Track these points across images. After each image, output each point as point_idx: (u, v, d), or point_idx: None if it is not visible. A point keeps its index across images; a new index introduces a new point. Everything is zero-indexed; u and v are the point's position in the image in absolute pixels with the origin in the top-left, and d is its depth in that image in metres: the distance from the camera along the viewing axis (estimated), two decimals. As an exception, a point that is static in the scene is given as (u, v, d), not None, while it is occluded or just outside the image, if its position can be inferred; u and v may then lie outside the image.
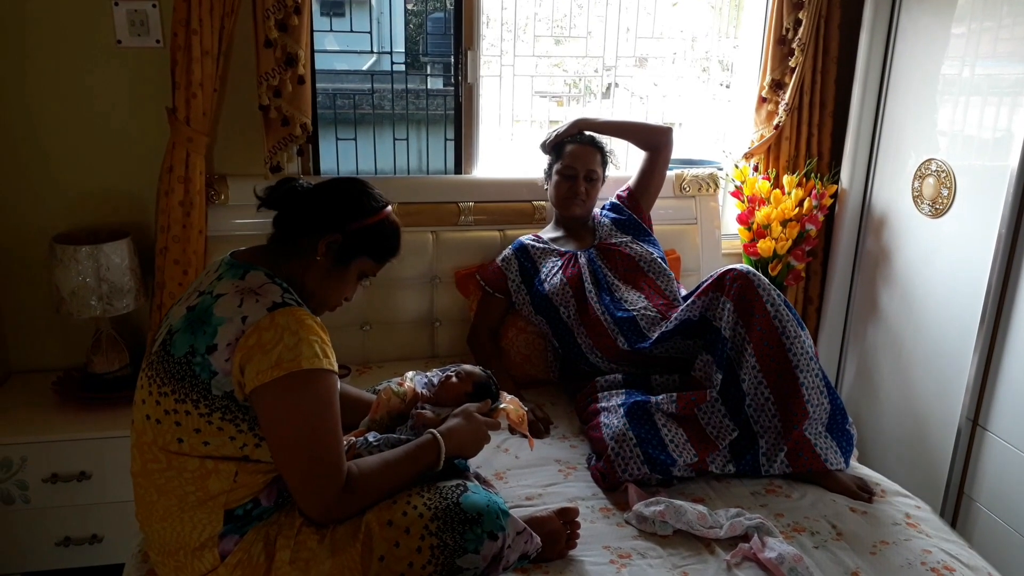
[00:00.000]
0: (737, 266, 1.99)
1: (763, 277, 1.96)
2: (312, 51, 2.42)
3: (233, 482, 1.38)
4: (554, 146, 2.47)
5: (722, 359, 1.93)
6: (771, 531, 1.63)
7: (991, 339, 2.21)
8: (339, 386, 1.79)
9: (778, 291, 1.95)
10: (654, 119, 2.96)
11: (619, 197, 2.52)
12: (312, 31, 2.41)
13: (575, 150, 2.41)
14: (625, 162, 2.92)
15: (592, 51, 2.90)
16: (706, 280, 2.04)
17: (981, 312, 2.20)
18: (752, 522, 1.65)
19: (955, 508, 2.36)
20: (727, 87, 3.03)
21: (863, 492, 1.85)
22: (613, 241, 2.38)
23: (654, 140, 2.49)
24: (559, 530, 1.58)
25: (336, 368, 1.41)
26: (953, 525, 2.36)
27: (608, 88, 2.97)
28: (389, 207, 1.56)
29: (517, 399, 1.78)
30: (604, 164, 2.44)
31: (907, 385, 2.53)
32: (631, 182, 2.52)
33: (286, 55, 2.28)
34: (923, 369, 2.46)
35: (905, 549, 1.65)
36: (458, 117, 2.73)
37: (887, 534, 1.71)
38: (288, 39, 2.27)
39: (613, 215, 2.48)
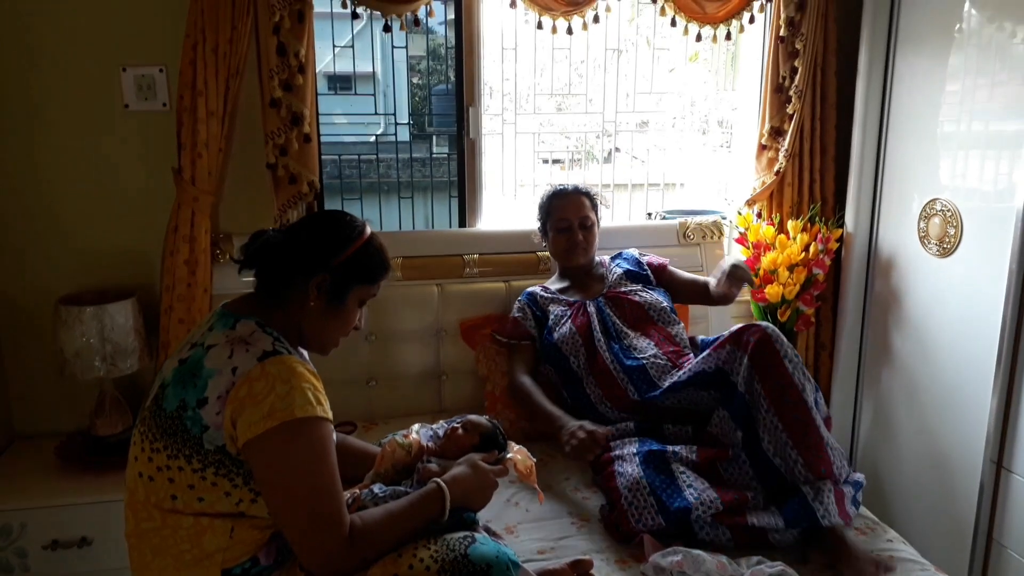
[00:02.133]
0: (757, 323, 1.94)
1: (782, 336, 1.90)
2: (317, 111, 2.45)
3: (229, 539, 1.34)
4: (542, 206, 2.47)
5: (739, 416, 1.88)
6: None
7: (1009, 376, 2.16)
8: (344, 439, 1.79)
9: (795, 351, 1.90)
10: (655, 180, 3.01)
11: (650, 263, 2.48)
12: (316, 92, 2.45)
13: (563, 203, 2.41)
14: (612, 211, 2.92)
15: (593, 117, 2.95)
16: (723, 334, 2.00)
17: (997, 349, 2.16)
18: (774, 570, 1.59)
19: (985, 555, 2.27)
20: (728, 148, 3.06)
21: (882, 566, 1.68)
22: (622, 290, 2.35)
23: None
24: (573, 583, 1.52)
25: (330, 416, 1.37)
26: (984, 573, 2.27)
27: (610, 153, 3.02)
28: (368, 228, 1.53)
29: (525, 449, 1.74)
30: (595, 207, 2.44)
31: (926, 429, 2.47)
32: (674, 272, 2.47)
33: (291, 114, 2.32)
34: (942, 412, 2.40)
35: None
36: (460, 171, 2.74)
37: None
38: (293, 98, 2.31)
39: (628, 267, 2.45)
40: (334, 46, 2.76)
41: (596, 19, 2.52)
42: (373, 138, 3.02)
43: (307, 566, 1.36)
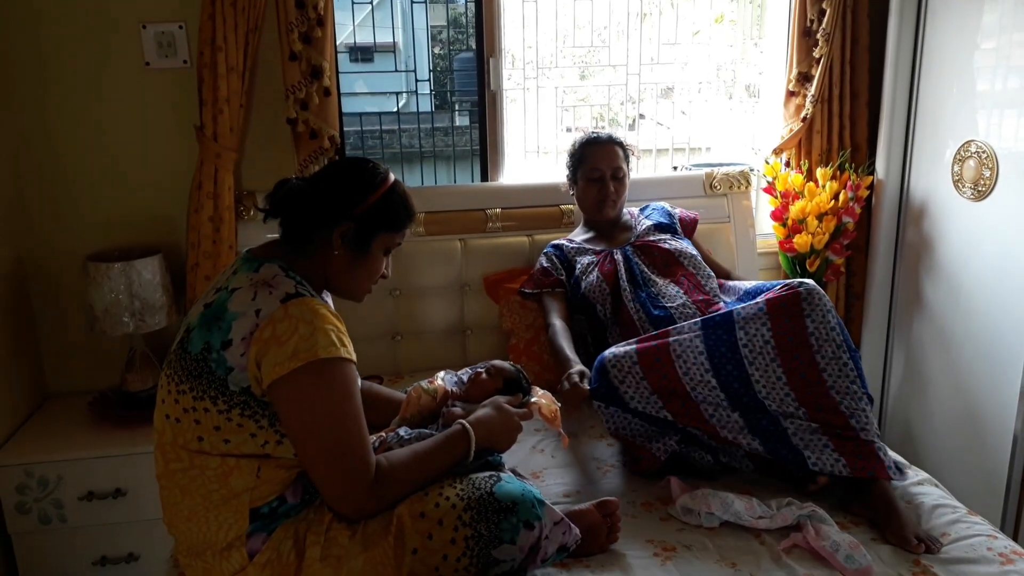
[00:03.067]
0: (805, 281, 1.84)
1: (822, 294, 1.79)
2: (336, 65, 2.43)
3: (256, 478, 1.34)
4: (574, 154, 2.43)
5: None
6: (824, 519, 1.55)
7: (1047, 322, 2.11)
8: (370, 387, 1.80)
9: (835, 314, 1.79)
10: (681, 145, 2.99)
11: (681, 217, 2.44)
12: (336, 46, 2.43)
13: (597, 151, 2.36)
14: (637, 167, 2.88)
15: (616, 84, 2.89)
16: (766, 288, 1.98)
17: (1034, 294, 2.11)
18: (804, 511, 1.57)
19: (1018, 505, 2.23)
20: (754, 111, 2.98)
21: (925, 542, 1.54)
22: (651, 239, 2.32)
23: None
24: (599, 523, 1.52)
25: (354, 357, 1.37)
26: (1017, 524, 2.24)
27: (634, 120, 2.96)
28: (391, 175, 1.51)
29: (550, 394, 1.73)
30: (627, 158, 2.40)
31: (959, 379, 2.42)
32: (702, 246, 2.43)
33: (311, 67, 2.31)
34: (975, 361, 2.35)
35: (969, 537, 1.55)
36: (482, 126, 2.71)
37: (948, 528, 1.61)
38: (312, 51, 2.30)
39: (658, 219, 2.40)
40: (354, 12, 2.73)
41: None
42: (395, 108, 3.00)
43: (333, 506, 1.37)
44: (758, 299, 1.82)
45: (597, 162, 2.34)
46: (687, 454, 1.79)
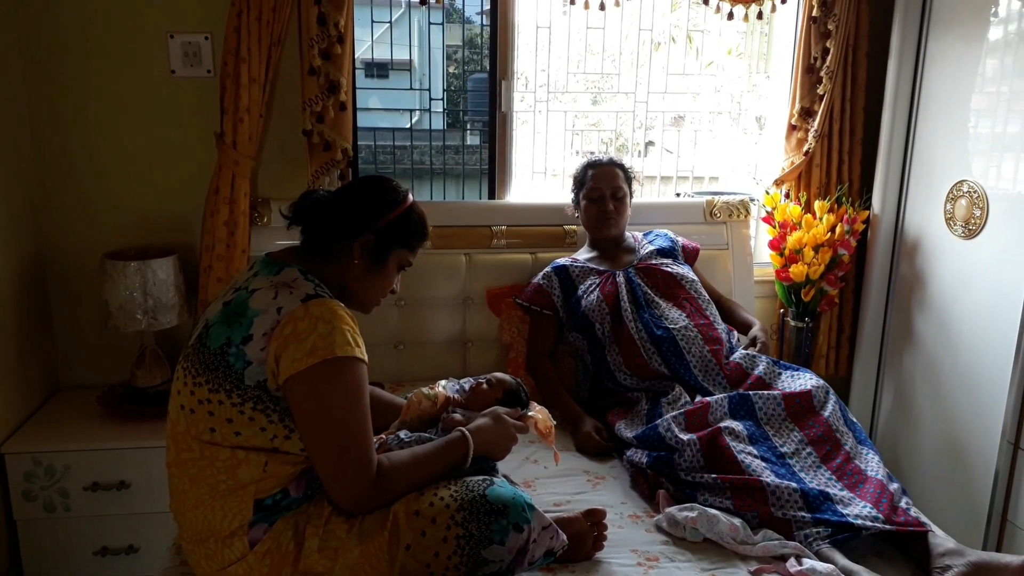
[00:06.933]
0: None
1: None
2: (353, 81, 2.52)
3: (263, 472, 1.41)
4: (577, 177, 2.51)
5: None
6: (808, 555, 1.57)
7: (1030, 359, 2.17)
8: (373, 391, 1.85)
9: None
10: (689, 174, 3.09)
11: (684, 245, 2.53)
12: (354, 63, 2.52)
13: (597, 173, 2.45)
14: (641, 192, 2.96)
15: (626, 110, 2.98)
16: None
17: (1018, 331, 2.17)
18: (788, 549, 1.59)
19: (999, 536, 2.28)
20: (756, 144, 3.06)
21: None
22: (653, 262, 2.40)
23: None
24: (586, 531, 1.58)
25: (366, 359, 1.44)
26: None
27: (645, 147, 3.05)
28: (410, 195, 1.61)
29: (546, 410, 1.79)
30: (628, 180, 2.48)
31: (946, 411, 2.48)
32: (701, 273, 2.53)
33: (329, 82, 2.39)
34: (962, 394, 2.41)
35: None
36: (492, 146, 2.80)
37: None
38: (331, 67, 2.38)
39: (661, 244, 2.49)
40: (372, 29, 2.82)
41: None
42: (408, 124, 3.09)
43: (335, 499, 1.43)
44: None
45: (597, 182, 2.43)
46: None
